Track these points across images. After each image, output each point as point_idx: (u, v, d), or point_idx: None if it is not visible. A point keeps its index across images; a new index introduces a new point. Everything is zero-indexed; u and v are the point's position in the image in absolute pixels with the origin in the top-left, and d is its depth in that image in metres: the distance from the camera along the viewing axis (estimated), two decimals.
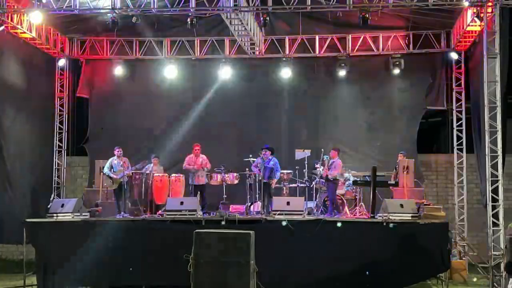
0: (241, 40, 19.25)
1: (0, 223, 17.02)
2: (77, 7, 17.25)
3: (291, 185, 18.57)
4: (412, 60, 20.34)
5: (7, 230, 17.36)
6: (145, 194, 18.14)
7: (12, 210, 17.62)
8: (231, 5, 16.62)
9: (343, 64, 20.27)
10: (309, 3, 16.93)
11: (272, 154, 17.73)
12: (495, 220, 15.59)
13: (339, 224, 15.32)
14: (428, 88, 20.50)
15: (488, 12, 16.11)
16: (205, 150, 18.56)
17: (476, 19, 16.70)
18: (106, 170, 17.72)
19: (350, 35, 20.39)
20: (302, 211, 16.15)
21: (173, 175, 18.88)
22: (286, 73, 20.52)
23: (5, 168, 17.61)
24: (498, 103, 15.82)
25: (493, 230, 15.51)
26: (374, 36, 20.36)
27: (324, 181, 17.65)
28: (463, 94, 20.29)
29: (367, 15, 16.97)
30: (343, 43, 20.50)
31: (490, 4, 16.10)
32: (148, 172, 18.40)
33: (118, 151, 17.86)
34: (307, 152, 18.58)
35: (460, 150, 20.22)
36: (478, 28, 17.48)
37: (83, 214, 16.49)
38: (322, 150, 18.08)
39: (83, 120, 21.69)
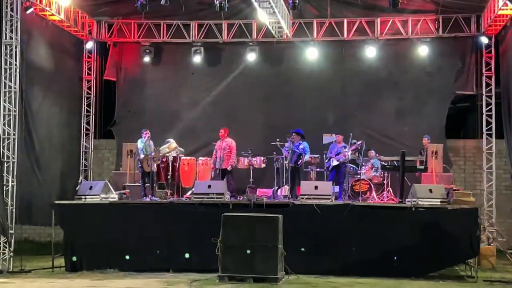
0: (269, 23, 19.15)
1: (28, 204, 17.11)
2: None
3: (318, 170, 18.51)
4: (442, 44, 20.21)
5: (36, 211, 17.49)
6: (171, 178, 18.16)
7: (41, 192, 17.74)
8: None
9: (371, 48, 20.10)
10: None
11: (302, 139, 17.67)
12: None
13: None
14: (458, 73, 20.31)
15: None
16: (231, 134, 18.52)
17: (508, 2, 16.47)
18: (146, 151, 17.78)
19: (378, 19, 20.22)
20: (330, 195, 16.08)
21: (200, 158, 18.89)
22: (313, 56, 20.42)
23: (34, 150, 17.69)
24: None
25: None
26: (403, 19, 20.15)
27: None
28: (493, 78, 19.98)
29: None
30: (371, 26, 20.33)
31: None
32: (175, 155, 18.41)
33: (146, 134, 17.90)
34: (335, 137, 18.54)
35: (489, 135, 19.98)
36: (509, 12, 17.29)
37: (111, 196, 16.55)
38: (351, 134, 18.00)
39: (111, 103, 21.72)
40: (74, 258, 15.58)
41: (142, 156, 17.77)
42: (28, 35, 17.38)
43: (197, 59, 20.93)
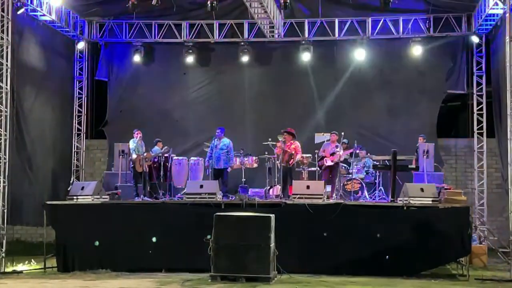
0: (261, 23, 19.16)
1: (20, 205, 17.08)
2: None
3: (310, 169, 18.51)
4: (433, 44, 20.25)
5: (27, 212, 17.48)
6: (163, 178, 18.14)
7: (32, 193, 17.74)
8: None
9: (362, 48, 20.14)
10: None
11: (294, 139, 17.64)
12: None
13: None
14: (449, 72, 20.38)
15: None
16: (224, 134, 18.51)
17: (498, 1, 16.52)
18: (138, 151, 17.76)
19: (370, 18, 20.28)
20: (322, 195, 16.09)
21: (192, 158, 18.90)
22: (305, 56, 20.44)
23: (25, 150, 17.68)
24: None
25: None
26: (394, 19, 20.22)
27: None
28: (484, 77, 20.11)
29: None
30: (363, 26, 20.38)
31: None
32: (167, 155, 18.40)
33: (138, 134, 17.88)
34: (327, 136, 18.55)
35: (480, 134, 20.08)
36: (500, 11, 17.32)
37: (103, 197, 16.53)
38: (342, 134, 18.03)
39: (102, 103, 21.69)
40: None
41: (134, 156, 17.78)
42: (20, 36, 17.34)
43: (189, 59, 20.94)
